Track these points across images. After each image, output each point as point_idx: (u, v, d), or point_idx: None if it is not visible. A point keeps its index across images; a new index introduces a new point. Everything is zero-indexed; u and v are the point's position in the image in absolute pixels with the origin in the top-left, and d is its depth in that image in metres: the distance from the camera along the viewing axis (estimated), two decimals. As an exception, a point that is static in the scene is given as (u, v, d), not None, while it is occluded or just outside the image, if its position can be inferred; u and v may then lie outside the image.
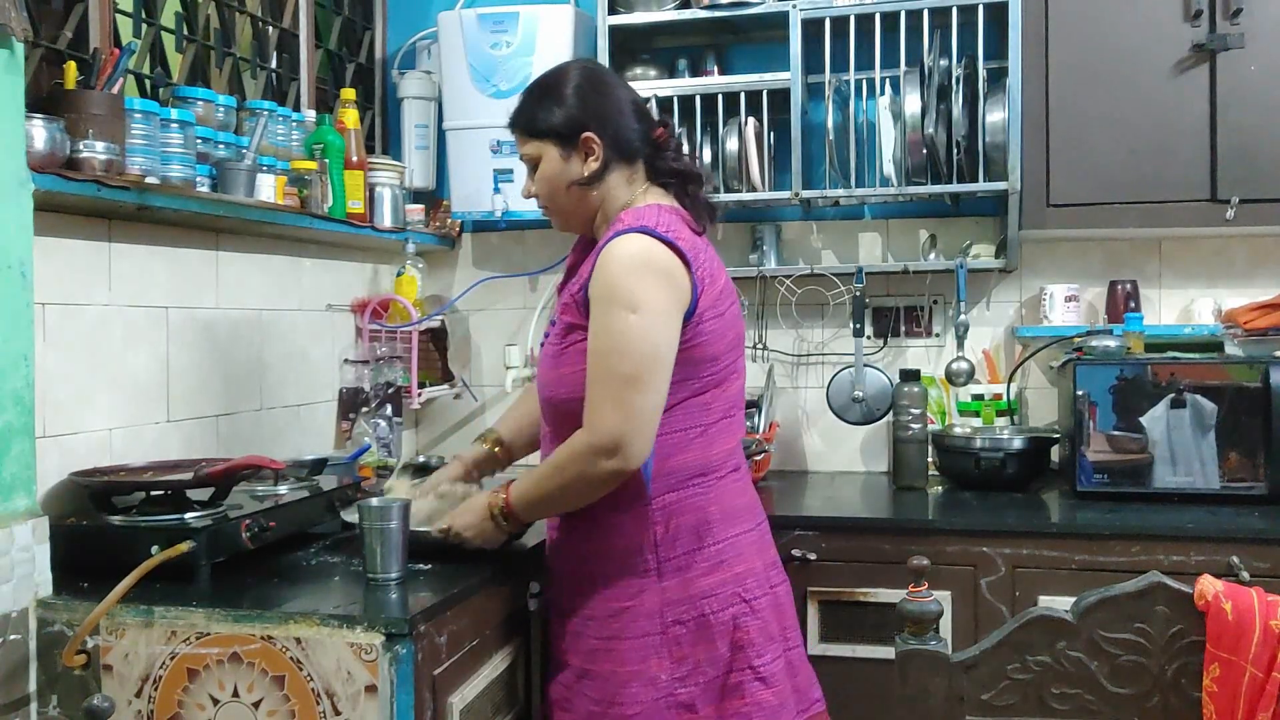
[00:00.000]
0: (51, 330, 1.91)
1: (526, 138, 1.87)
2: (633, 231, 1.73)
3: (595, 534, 1.80)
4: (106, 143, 1.86)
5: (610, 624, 1.78)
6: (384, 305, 2.92)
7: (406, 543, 1.78)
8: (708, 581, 1.77)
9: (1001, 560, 2.29)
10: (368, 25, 3.23)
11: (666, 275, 1.71)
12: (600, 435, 1.68)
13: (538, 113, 1.85)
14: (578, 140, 1.82)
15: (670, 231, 1.74)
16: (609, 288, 1.71)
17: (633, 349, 1.67)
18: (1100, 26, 2.61)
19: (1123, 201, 2.62)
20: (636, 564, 1.77)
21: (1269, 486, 2.41)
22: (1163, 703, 1.33)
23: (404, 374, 2.90)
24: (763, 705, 1.76)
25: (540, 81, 1.90)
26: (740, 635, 1.77)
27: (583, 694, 1.81)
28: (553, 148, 1.84)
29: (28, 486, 1.69)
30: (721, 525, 1.79)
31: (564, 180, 1.85)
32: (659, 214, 1.78)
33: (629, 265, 1.71)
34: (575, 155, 1.83)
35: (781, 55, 2.80)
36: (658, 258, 1.71)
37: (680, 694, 1.75)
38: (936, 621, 1.38)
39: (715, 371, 1.79)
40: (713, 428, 1.80)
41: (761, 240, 3.01)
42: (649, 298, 1.69)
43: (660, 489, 1.77)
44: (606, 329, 1.70)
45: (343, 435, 2.79)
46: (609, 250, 1.73)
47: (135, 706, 1.64)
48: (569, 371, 1.76)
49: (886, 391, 2.84)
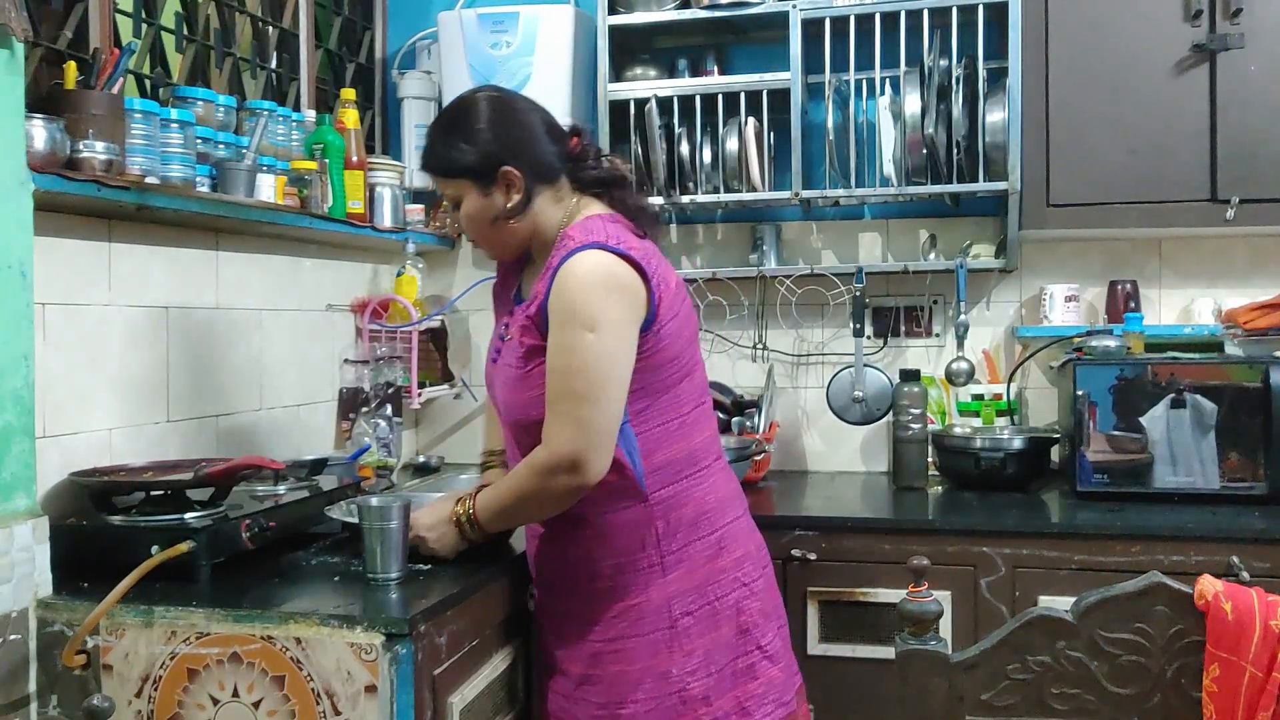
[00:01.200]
0: (51, 330, 1.91)
1: (443, 179, 1.84)
2: (587, 248, 1.72)
3: (592, 537, 1.80)
4: (106, 143, 1.86)
5: (616, 624, 1.78)
6: (384, 305, 2.92)
7: (407, 543, 1.78)
8: (709, 569, 1.80)
9: (1001, 560, 2.29)
10: (368, 25, 3.23)
11: (624, 290, 1.71)
12: (558, 453, 1.69)
13: (450, 153, 1.81)
14: (496, 175, 1.79)
15: (621, 243, 1.73)
16: (569, 305, 1.70)
17: (589, 367, 1.68)
18: (1100, 26, 2.61)
19: (1123, 201, 2.62)
20: (639, 561, 1.78)
21: (1269, 486, 2.41)
22: (1163, 703, 1.33)
23: (404, 374, 2.90)
24: (774, 682, 1.82)
25: (447, 119, 1.85)
26: (745, 618, 1.80)
27: (584, 700, 1.80)
28: (471, 186, 1.81)
29: (28, 486, 1.69)
30: (717, 513, 1.83)
31: (488, 216, 1.82)
32: (604, 226, 1.77)
33: (586, 283, 1.70)
34: (496, 190, 1.80)
35: (781, 55, 2.80)
36: (615, 274, 1.71)
37: (693, 687, 1.76)
38: (936, 621, 1.39)
39: (680, 367, 1.81)
40: (689, 416, 1.82)
41: (761, 240, 3.01)
42: (606, 316, 1.69)
43: (655, 485, 1.78)
44: (564, 347, 1.70)
45: (343, 435, 2.79)
46: (566, 269, 1.71)
47: (135, 706, 1.64)
48: (537, 395, 1.75)
49: (886, 391, 2.84)
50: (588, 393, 1.68)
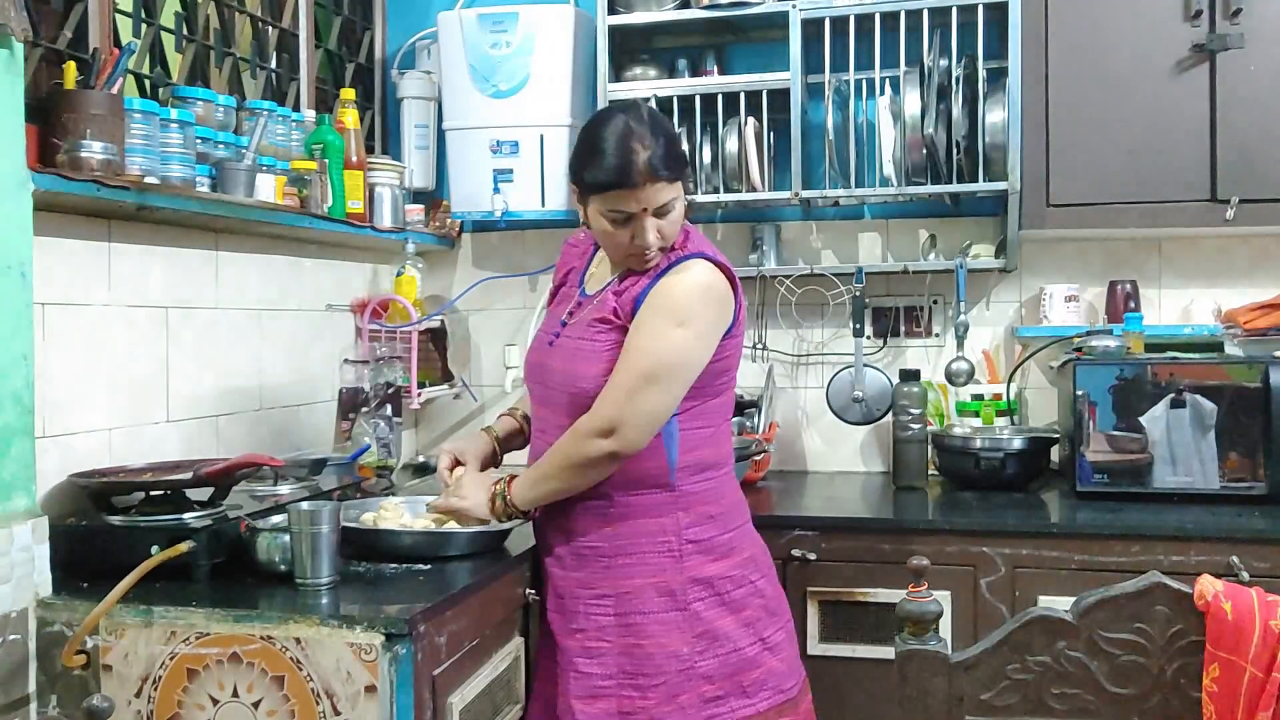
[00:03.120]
0: (51, 330, 1.91)
1: (674, 181, 1.84)
2: (700, 258, 1.85)
3: (616, 516, 1.87)
4: (106, 143, 1.86)
5: (629, 600, 1.86)
6: (384, 305, 2.92)
7: (338, 546, 1.78)
8: (723, 565, 1.88)
9: (1001, 560, 2.29)
10: (368, 25, 3.23)
11: (720, 301, 1.85)
12: (600, 415, 1.79)
13: (681, 156, 1.86)
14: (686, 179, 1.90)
15: (718, 256, 1.88)
16: (669, 301, 1.82)
17: (662, 354, 1.79)
18: (1100, 26, 2.61)
19: (1123, 201, 2.61)
20: (659, 544, 1.87)
21: (1269, 486, 2.40)
22: (1163, 703, 1.33)
23: (404, 374, 2.89)
24: (774, 671, 1.90)
25: (663, 127, 1.87)
26: (750, 613, 1.89)
27: (586, 674, 1.85)
28: (681, 189, 1.87)
29: (27, 486, 1.69)
30: (732, 514, 1.94)
31: (682, 217, 1.90)
32: (701, 239, 1.92)
33: (694, 289, 1.83)
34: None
35: (781, 55, 2.80)
36: (717, 285, 1.85)
37: (700, 666, 1.84)
38: (936, 621, 1.39)
39: (730, 379, 1.95)
40: (721, 428, 1.96)
41: (761, 240, 3.01)
42: (699, 318, 1.82)
43: (683, 477, 1.88)
44: (648, 331, 1.81)
45: (342, 435, 2.78)
46: (683, 272, 1.84)
47: (135, 706, 1.64)
48: (603, 368, 1.84)
49: (886, 391, 2.84)
50: (653, 375, 1.78)
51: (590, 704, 1.84)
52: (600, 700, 1.84)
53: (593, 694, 1.84)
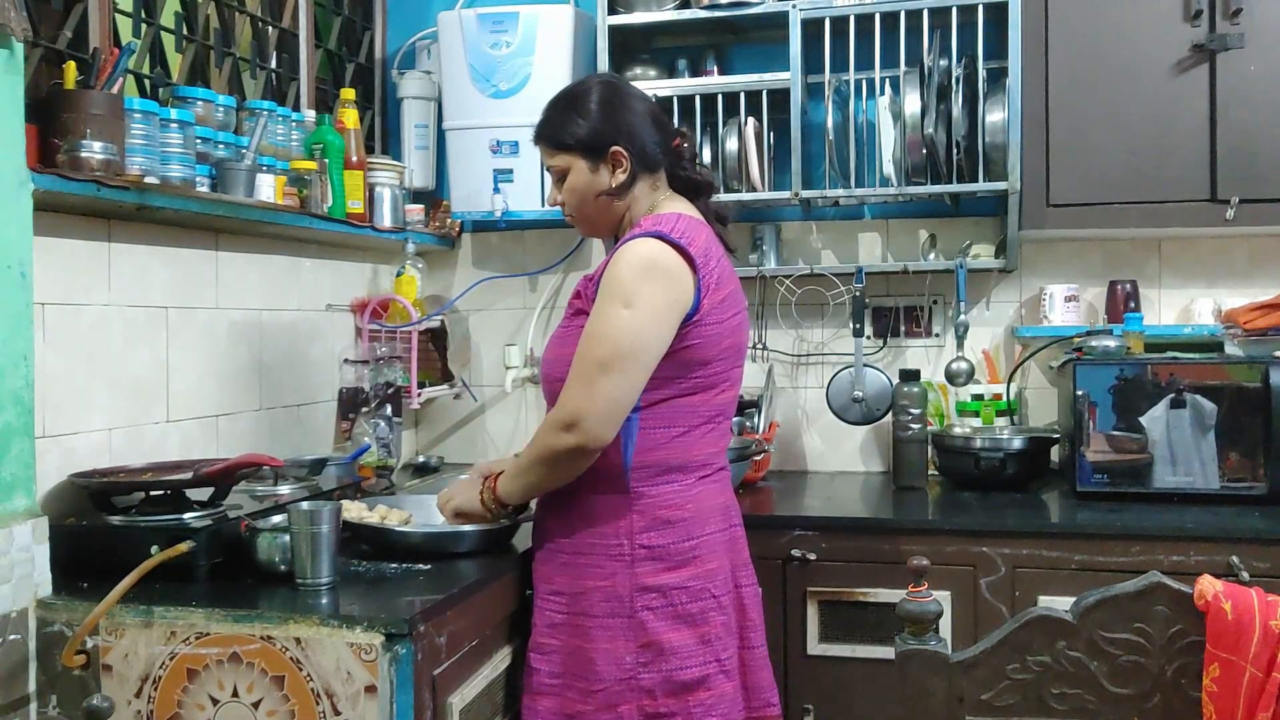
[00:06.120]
0: (51, 330, 1.91)
1: (554, 150, 1.93)
2: (647, 235, 1.82)
3: (575, 512, 1.87)
4: (106, 143, 1.86)
5: (580, 600, 1.84)
6: (384, 305, 2.92)
7: (338, 547, 1.78)
8: (679, 575, 1.83)
9: (1001, 560, 2.29)
10: (368, 25, 3.23)
11: (668, 276, 1.79)
12: (563, 408, 1.78)
13: (565, 125, 1.91)
14: (606, 153, 1.90)
15: (684, 237, 1.82)
16: (614, 282, 1.79)
17: (614, 338, 1.76)
18: (1100, 26, 2.60)
19: (1123, 201, 2.61)
20: (611, 547, 1.83)
21: (1269, 486, 2.40)
22: (1163, 703, 1.33)
23: (404, 374, 2.90)
24: (724, 696, 1.83)
25: (564, 95, 1.96)
26: (707, 629, 1.83)
27: (536, 670, 1.86)
28: (581, 160, 1.91)
29: (27, 486, 1.69)
30: (695, 523, 1.86)
31: (592, 191, 1.92)
32: (677, 221, 1.85)
33: (635, 265, 1.79)
34: (604, 167, 1.91)
35: (781, 55, 2.80)
36: (663, 260, 1.79)
37: (643, 678, 1.79)
38: (936, 621, 1.39)
39: (706, 375, 1.86)
40: (696, 430, 1.87)
41: (761, 240, 3.01)
42: (645, 297, 1.77)
43: (637, 480, 1.83)
44: (599, 318, 1.79)
45: (342, 435, 2.79)
46: (622, 250, 1.82)
47: (135, 706, 1.64)
48: (569, 353, 1.83)
49: (886, 391, 2.83)
50: (607, 361, 1.75)
51: (536, 700, 1.85)
52: (545, 698, 1.84)
53: (540, 691, 1.85)
